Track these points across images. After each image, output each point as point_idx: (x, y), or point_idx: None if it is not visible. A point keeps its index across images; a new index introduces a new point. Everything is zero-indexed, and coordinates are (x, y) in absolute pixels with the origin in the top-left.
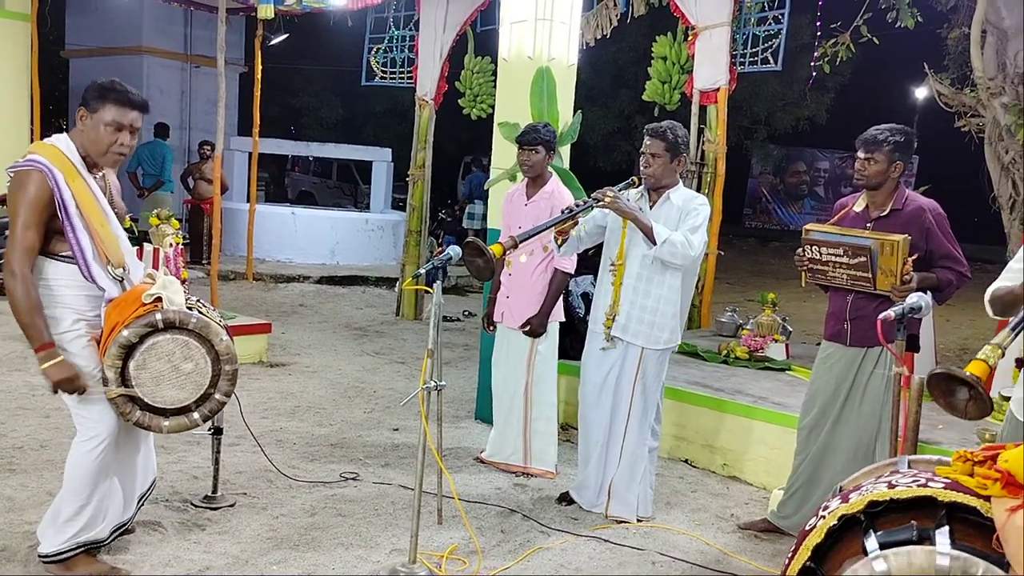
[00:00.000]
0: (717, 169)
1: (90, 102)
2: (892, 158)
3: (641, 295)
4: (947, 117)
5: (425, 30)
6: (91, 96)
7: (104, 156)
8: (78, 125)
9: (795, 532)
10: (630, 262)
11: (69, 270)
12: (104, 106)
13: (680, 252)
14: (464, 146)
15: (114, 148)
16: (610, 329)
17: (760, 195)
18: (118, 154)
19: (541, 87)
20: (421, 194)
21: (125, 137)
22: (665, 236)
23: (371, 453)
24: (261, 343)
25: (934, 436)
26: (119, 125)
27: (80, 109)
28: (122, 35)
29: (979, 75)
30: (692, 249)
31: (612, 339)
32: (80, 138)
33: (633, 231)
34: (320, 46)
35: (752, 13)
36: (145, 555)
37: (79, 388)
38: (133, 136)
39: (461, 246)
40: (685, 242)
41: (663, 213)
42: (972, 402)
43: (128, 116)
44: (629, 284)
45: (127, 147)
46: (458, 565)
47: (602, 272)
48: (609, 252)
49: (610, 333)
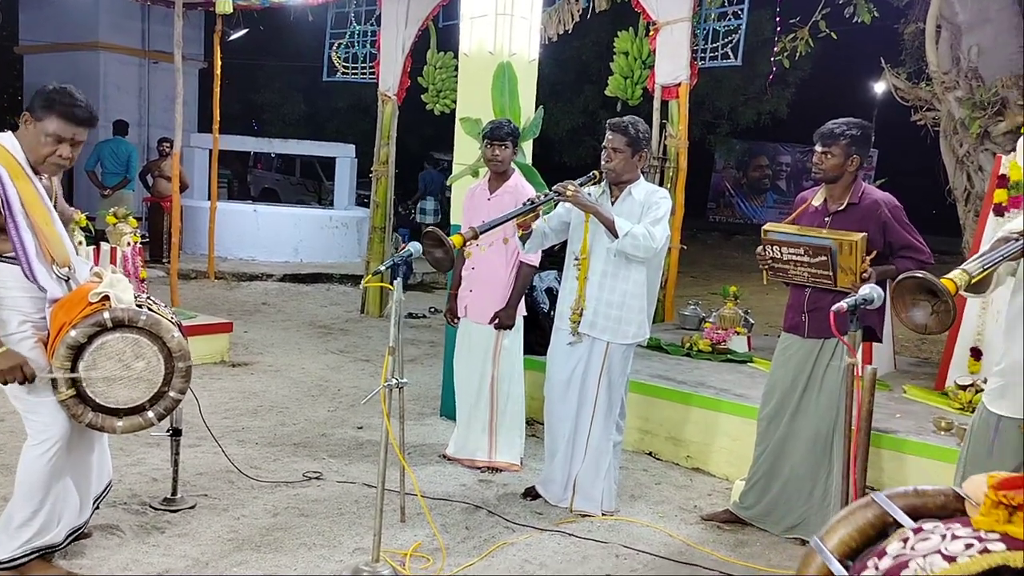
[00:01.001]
0: (679, 164)
1: (36, 109)
2: (849, 152)
3: (607, 291)
4: (904, 111)
5: (387, 25)
6: (38, 103)
7: (42, 165)
8: (21, 129)
9: (757, 522)
10: (595, 258)
11: (12, 271)
12: (48, 117)
13: (642, 244)
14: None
15: (52, 159)
16: (576, 324)
17: (724, 189)
18: (55, 164)
19: (502, 82)
20: (385, 190)
21: (65, 150)
22: (627, 229)
23: (334, 452)
24: (223, 342)
25: (891, 425)
26: (59, 138)
27: (25, 113)
28: (78, 31)
29: (934, 69)
30: (654, 241)
31: (579, 334)
32: (22, 141)
33: (596, 225)
34: (281, 41)
35: (712, 8)
36: (103, 559)
37: (27, 376)
38: (75, 148)
39: (420, 237)
40: (647, 234)
41: (625, 208)
42: (935, 316)
43: (71, 131)
44: (594, 280)
45: (66, 159)
46: (422, 563)
47: (567, 267)
48: (573, 247)
49: (576, 328)
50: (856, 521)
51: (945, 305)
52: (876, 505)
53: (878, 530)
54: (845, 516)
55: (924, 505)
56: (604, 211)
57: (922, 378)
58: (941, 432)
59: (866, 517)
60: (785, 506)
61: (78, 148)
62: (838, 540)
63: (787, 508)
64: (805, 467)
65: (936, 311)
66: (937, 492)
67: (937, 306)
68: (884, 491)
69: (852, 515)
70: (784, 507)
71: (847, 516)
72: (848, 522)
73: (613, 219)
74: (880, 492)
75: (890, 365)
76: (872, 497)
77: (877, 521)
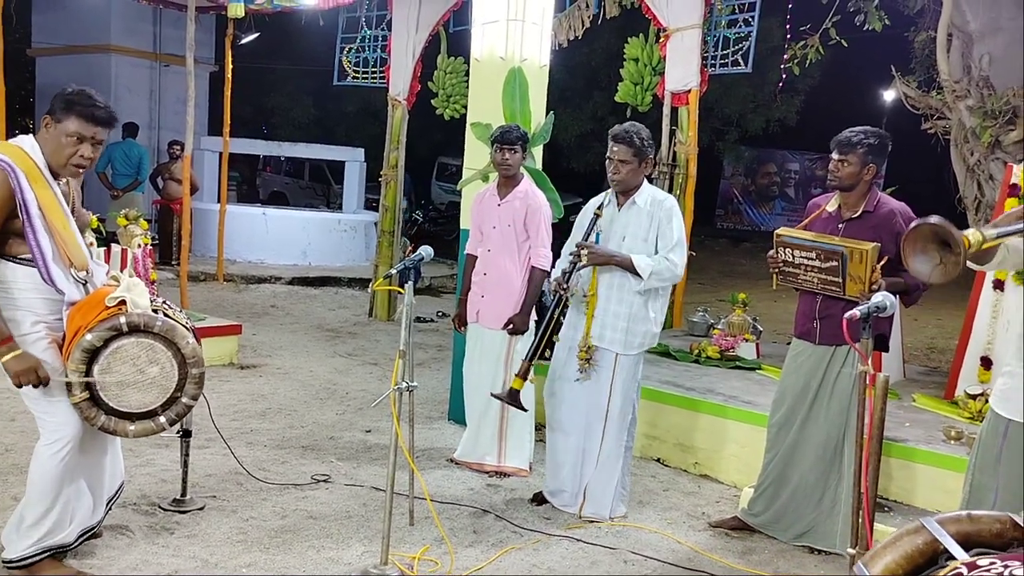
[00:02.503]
0: (689, 170)
1: (56, 111)
2: (865, 160)
3: (615, 303)
4: (914, 119)
5: (397, 30)
6: (57, 105)
7: (63, 167)
8: (42, 132)
9: (765, 530)
10: (603, 274)
11: (27, 273)
12: (68, 117)
13: (668, 276)
14: (437, 147)
15: (73, 160)
16: (585, 361)
17: (732, 196)
18: (77, 166)
19: (513, 88)
20: (394, 195)
21: (87, 150)
22: (649, 269)
23: (343, 455)
24: (232, 345)
25: (900, 434)
26: (80, 137)
27: (46, 117)
28: (90, 33)
29: (945, 78)
30: (677, 268)
31: (586, 372)
32: (43, 144)
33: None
34: (292, 45)
35: (723, 15)
36: (112, 559)
37: (42, 379)
38: (96, 149)
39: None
40: (670, 265)
41: (632, 216)
42: (942, 266)
43: (91, 130)
44: (601, 293)
45: (88, 160)
46: (430, 566)
47: (574, 307)
48: (581, 283)
49: (585, 366)
50: (904, 548)
51: (955, 259)
52: (926, 531)
53: (927, 558)
54: (892, 541)
55: (978, 533)
56: (620, 258)
57: (931, 387)
58: (951, 441)
59: (915, 544)
60: (794, 513)
61: (99, 149)
62: (883, 567)
63: (796, 515)
64: (815, 474)
65: (944, 262)
66: (993, 520)
67: (946, 257)
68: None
69: (899, 541)
70: (793, 514)
71: (894, 542)
72: (895, 548)
73: (631, 261)
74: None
75: (899, 374)
76: (921, 522)
77: (927, 548)
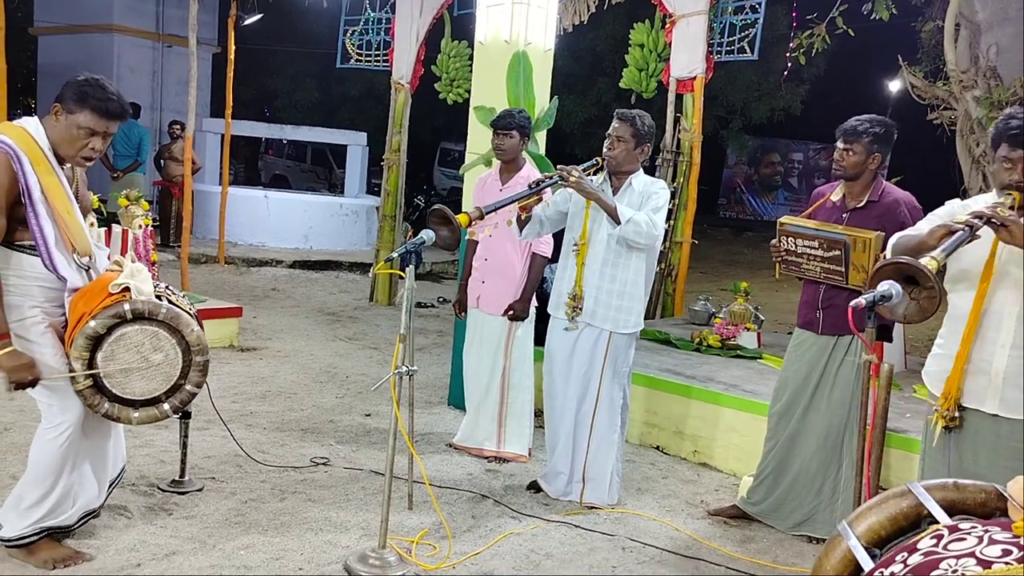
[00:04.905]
0: (693, 158)
1: (67, 101)
2: (871, 149)
3: (607, 279)
4: (920, 109)
5: (401, 13)
6: (70, 95)
7: (72, 158)
8: (51, 119)
9: (764, 518)
10: (594, 246)
11: (29, 262)
12: (82, 110)
13: (644, 231)
14: (440, 131)
15: (83, 152)
16: (572, 310)
17: (735, 185)
18: (85, 158)
19: (518, 72)
20: (396, 179)
21: (97, 143)
22: (629, 215)
23: (342, 438)
24: (232, 327)
25: (901, 424)
26: (92, 131)
27: (56, 105)
28: (92, 13)
29: (952, 68)
30: (656, 228)
31: (575, 322)
32: (51, 131)
33: (596, 212)
34: (295, 27)
35: (729, 2)
36: (110, 539)
37: (34, 378)
38: (105, 141)
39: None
40: (649, 221)
41: (625, 198)
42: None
43: (104, 124)
44: (595, 269)
45: (97, 152)
46: (428, 550)
47: (564, 255)
48: (572, 234)
49: (572, 314)
50: (889, 509)
51: (928, 292)
52: (912, 495)
53: (911, 521)
54: (878, 503)
55: (963, 501)
56: (606, 198)
57: None
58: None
59: (899, 507)
60: (793, 502)
61: (108, 140)
62: (867, 527)
63: (795, 504)
64: (815, 464)
65: (916, 298)
66: (978, 489)
67: (917, 293)
68: (922, 482)
69: (885, 503)
70: (792, 503)
71: (879, 503)
72: (880, 510)
73: (615, 206)
74: (917, 482)
75: (901, 364)
76: (908, 487)
77: (911, 512)
